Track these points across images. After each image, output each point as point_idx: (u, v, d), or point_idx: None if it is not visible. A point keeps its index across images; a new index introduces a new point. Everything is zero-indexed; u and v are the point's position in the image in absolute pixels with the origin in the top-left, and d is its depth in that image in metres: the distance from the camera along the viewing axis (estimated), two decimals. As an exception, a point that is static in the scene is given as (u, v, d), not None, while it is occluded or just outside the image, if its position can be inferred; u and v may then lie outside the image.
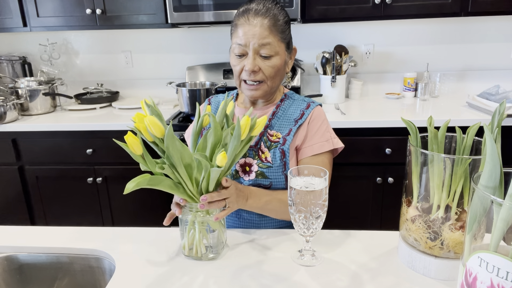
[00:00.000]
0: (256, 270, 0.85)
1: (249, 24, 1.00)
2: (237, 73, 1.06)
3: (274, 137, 1.08)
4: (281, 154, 1.05)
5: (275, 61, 1.03)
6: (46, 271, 0.98)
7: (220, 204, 0.87)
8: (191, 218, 0.88)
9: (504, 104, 0.72)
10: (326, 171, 0.82)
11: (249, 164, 1.07)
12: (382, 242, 0.94)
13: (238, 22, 1.03)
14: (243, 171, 1.07)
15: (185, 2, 2.06)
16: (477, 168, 0.73)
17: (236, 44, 1.03)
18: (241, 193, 0.94)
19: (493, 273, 0.54)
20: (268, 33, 1.00)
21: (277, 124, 1.10)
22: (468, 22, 2.34)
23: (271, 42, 1.01)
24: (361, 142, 1.94)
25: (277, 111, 1.11)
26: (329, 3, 2.06)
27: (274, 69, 1.03)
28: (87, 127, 2.05)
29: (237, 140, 0.82)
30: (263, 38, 1.00)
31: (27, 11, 2.22)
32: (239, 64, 1.04)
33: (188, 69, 2.51)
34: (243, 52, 1.02)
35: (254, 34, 0.99)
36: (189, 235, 0.89)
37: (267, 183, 1.06)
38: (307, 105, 1.12)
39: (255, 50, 1.01)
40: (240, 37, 1.01)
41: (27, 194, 2.23)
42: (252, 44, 1.00)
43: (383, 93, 2.49)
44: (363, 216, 2.09)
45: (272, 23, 1.01)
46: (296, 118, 1.09)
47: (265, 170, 1.05)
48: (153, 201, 2.16)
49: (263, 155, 1.07)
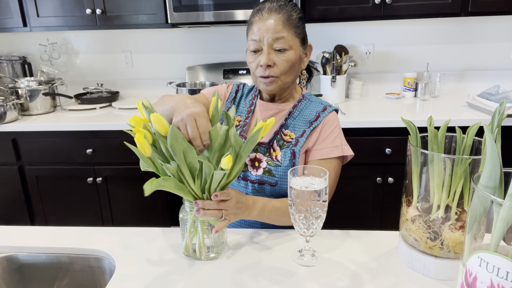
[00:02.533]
0: (256, 270, 0.85)
1: (263, 20, 1.03)
2: (253, 69, 1.07)
3: (287, 137, 1.09)
4: (291, 155, 1.06)
5: (290, 55, 1.04)
6: (46, 271, 0.98)
7: (217, 214, 0.84)
8: (192, 218, 0.88)
9: (504, 104, 0.72)
10: (326, 171, 0.82)
11: (259, 159, 1.08)
12: (382, 242, 0.94)
13: (252, 20, 1.06)
14: (252, 165, 1.08)
15: (185, 2, 2.06)
16: (477, 168, 0.73)
17: (251, 41, 1.05)
18: (243, 206, 0.90)
19: (493, 273, 0.54)
20: (282, 27, 1.02)
21: (292, 124, 1.11)
22: (468, 22, 2.34)
23: (285, 36, 1.03)
24: (361, 142, 1.94)
25: (293, 111, 1.12)
26: (329, 3, 2.06)
27: (288, 63, 1.04)
28: (87, 127, 2.05)
29: (252, 144, 0.82)
30: (277, 32, 1.02)
31: (27, 11, 2.22)
32: (254, 61, 1.05)
33: (188, 69, 2.51)
34: (258, 48, 1.04)
35: (268, 29, 1.02)
36: (190, 235, 0.89)
37: (273, 181, 1.07)
38: (324, 108, 1.12)
39: (269, 45, 1.02)
40: (255, 33, 1.03)
41: (27, 194, 2.23)
42: (266, 39, 1.02)
43: (383, 93, 2.49)
44: (363, 216, 2.09)
45: (286, 18, 1.03)
46: (311, 120, 1.10)
47: (273, 168, 1.06)
48: (153, 201, 2.16)
49: (274, 153, 1.08)
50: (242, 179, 1.09)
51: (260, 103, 1.16)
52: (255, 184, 1.07)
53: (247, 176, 1.08)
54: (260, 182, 1.07)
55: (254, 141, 0.83)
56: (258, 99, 1.17)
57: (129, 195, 2.18)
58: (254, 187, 1.07)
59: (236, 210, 0.88)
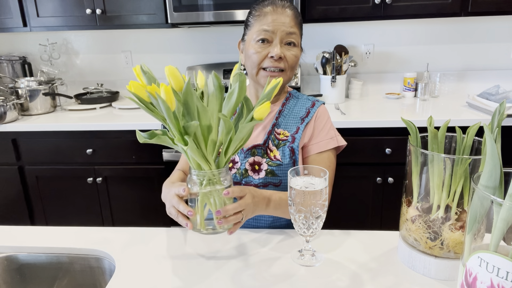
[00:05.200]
0: (256, 270, 0.85)
1: (278, 13, 1.03)
2: (258, 60, 1.04)
3: (281, 135, 1.09)
4: (291, 152, 1.07)
5: (297, 51, 1.07)
6: (46, 271, 0.98)
7: (237, 217, 0.82)
8: (202, 190, 0.79)
9: (504, 104, 0.72)
10: (326, 171, 0.82)
11: (258, 163, 1.08)
12: (382, 242, 0.94)
13: (264, 9, 1.04)
14: (252, 170, 1.08)
15: (185, 2, 2.06)
16: (477, 168, 0.73)
17: (261, 31, 1.03)
18: (259, 200, 0.89)
19: (493, 273, 0.54)
20: (294, 23, 1.05)
21: (284, 122, 1.11)
22: (468, 22, 2.34)
23: (296, 32, 1.05)
24: (361, 142, 1.94)
25: (283, 109, 1.13)
26: (329, 3, 2.06)
27: (296, 59, 1.06)
28: (87, 127, 2.05)
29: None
30: (291, 27, 1.04)
31: (27, 11, 2.22)
32: (262, 51, 1.03)
33: (188, 69, 2.51)
34: (268, 38, 1.03)
35: (283, 22, 1.03)
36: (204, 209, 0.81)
37: (276, 181, 1.07)
38: (312, 104, 1.14)
39: (281, 38, 1.03)
40: (268, 23, 1.03)
41: (27, 194, 2.23)
42: (280, 32, 1.03)
43: (383, 93, 2.49)
44: (363, 216, 2.09)
45: (296, 16, 1.06)
46: (302, 116, 1.11)
47: (275, 168, 1.06)
48: (153, 201, 2.16)
49: (272, 153, 1.08)
50: (246, 185, 1.08)
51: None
52: (260, 187, 1.07)
53: (250, 182, 1.08)
54: (264, 184, 1.07)
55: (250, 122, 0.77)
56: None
57: (129, 195, 2.18)
58: None
59: (254, 207, 0.87)
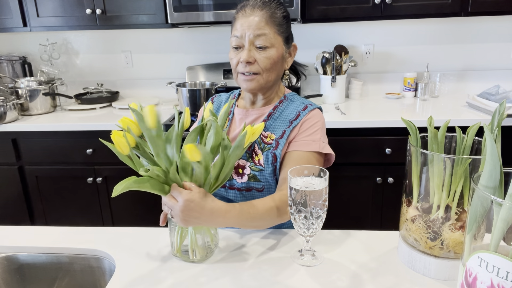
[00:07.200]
0: (256, 270, 0.85)
1: (245, 17, 1.02)
2: (234, 66, 1.06)
3: (268, 139, 1.07)
4: (273, 158, 1.04)
5: (271, 53, 1.03)
6: (46, 271, 0.98)
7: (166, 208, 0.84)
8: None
9: (504, 104, 0.72)
10: (326, 171, 0.82)
11: (242, 166, 1.06)
12: (382, 242, 0.94)
13: (236, 16, 1.05)
14: (236, 173, 1.06)
15: (185, 2, 2.06)
16: (477, 168, 0.73)
17: (233, 37, 1.04)
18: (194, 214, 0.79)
19: (493, 273, 0.54)
20: (264, 24, 1.01)
21: (272, 125, 1.08)
22: (468, 22, 2.34)
23: (267, 33, 1.01)
24: (361, 142, 1.94)
25: (273, 112, 1.10)
26: (329, 3, 2.06)
27: (269, 61, 1.03)
28: (87, 127, 2.05)
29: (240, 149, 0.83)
30: (259, 29, 1.00)
31: (27, 11, 2.22)
32: (235, 57, 1.04)
33: (188, 69, 2.51)
34: (239, 44, 1.03)
35: (250, 25, 1.01)
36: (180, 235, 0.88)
37: (259, 186, 1.04)
38: (305, 107, 1.09)
39: (250, 41, 1.01)
40: (237, 29, 1.03)
41: (27, 194, 2.23)
42: (248, 35, 1.01)
43: (383, 93, 2.49)
44: (363, 216, 2.09)
45: (269, 15, 1.02)
46: (291, 119, 1.07)
47: (257, 174, 1.04)
48: (153, 201, 2.16)
49: (256, 157, 1.05)
50: (229, 188, 1.07)
51: (238, 111, 1.14)
52: (243, 191, 1.05)
53: (233, 185, 1.06)
54: (247, 189, 1.05)
55: (241, 146, 0.83)
56: (236, 108, 1.16)
57: (129, 195, 2.17)
58: (242, 195, 1.06)
59: (183, 216, 0.79)
